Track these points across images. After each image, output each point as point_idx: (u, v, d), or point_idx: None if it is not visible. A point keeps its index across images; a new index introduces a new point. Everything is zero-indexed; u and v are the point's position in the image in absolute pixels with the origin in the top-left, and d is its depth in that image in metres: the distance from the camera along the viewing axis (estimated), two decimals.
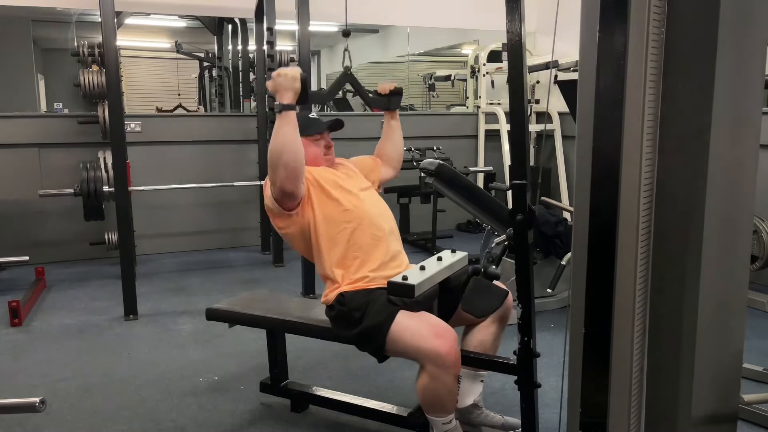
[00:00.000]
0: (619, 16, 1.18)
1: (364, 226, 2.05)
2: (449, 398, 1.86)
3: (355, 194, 2.12)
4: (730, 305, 1.41)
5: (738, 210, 1.37)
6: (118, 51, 3.73)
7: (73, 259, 4.94)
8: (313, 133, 2.16)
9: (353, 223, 2.04)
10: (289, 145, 1.88)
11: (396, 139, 2.43)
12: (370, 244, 2.04)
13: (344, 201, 2.07)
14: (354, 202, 2.08)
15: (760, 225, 3.48)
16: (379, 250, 2.05)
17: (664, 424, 1.37)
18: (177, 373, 2.83)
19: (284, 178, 1.90)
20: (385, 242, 2.07)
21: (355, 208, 2.07)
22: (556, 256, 3.41)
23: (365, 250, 2.04)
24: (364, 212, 2.08)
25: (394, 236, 2.14)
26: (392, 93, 2.33)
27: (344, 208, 2.05)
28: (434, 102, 8.69)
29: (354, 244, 2.04)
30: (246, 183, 4.94)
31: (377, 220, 2.09)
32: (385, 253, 2.06)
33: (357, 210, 2.07)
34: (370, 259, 2.03)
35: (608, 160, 1.23)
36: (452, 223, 6.02)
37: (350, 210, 2.06)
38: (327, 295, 2.07)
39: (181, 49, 7.85)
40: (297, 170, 1.91)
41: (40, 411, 1.41)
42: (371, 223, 2.07)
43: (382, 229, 2.09)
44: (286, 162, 1.88)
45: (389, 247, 2.08)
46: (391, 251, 2.08)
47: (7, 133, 4.70)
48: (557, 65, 4.50)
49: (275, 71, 1.95)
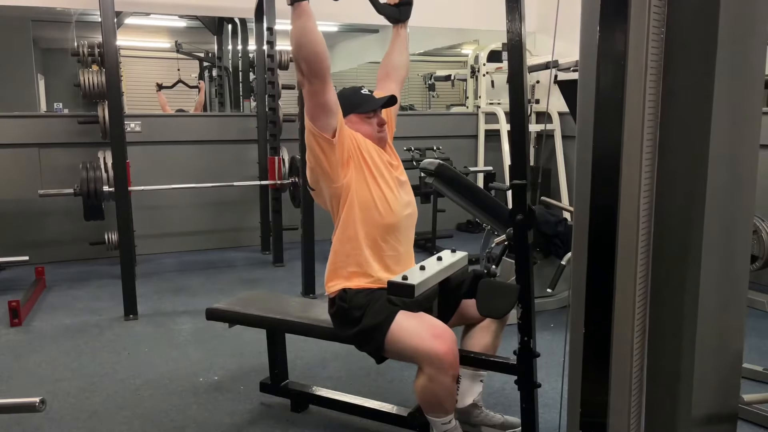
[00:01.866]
0: (619, 16, 1.18)
1: (390, 231, 2.02)
2: (448, 399, 1.86)
3: (393, 189, 2.05)
4: (730, 305, 1.41)
5: (738, 210, 1.37)
6: (118, 51, 3.73)
7: (73, 259, 4.94)
8: (366, 111, 2.09)
9: (381, 223, 2.00)
10: (305, 37, 1.80)
11: (404, 47, 2.33)
12: (386, 248, 2.03)
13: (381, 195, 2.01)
14: (389, 198, 2.03)
15: (760, 225, 3.48)
16: (392, 253, 2.04)
17: (664, 424, 1.37)
18: (177, 373, 2.83)
19: (309, 73, 1.83)
20: (401, 249, 2.06)
21: (389, 210, 2.02)
22: (556, 256, 3.41)
23: (380, 249, 2.02)
24: (395, 216, 2.03)
25: (408, 240, 2.12)
26: (402, 2, 2.25)
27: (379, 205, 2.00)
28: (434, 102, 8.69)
29: (376, 237, 2.01)
30: (246, 183, 4.94)
31: (403, 226, 2.06)
32: (396, 260, 2.05)
33: (389, 213, 2.02)
34: (382, 259, 2.02)
35: (608, 160, 1.23)
36: (452, 223, 6.02)
37: (383, 212, 2.01)
38: (331, 283, 2.05)
39: (181, 49, 7.85)
40: (319, 62, 1.83)
41: (40, 411, 1.41)
42: (396, 228, 2.04)
43: (404, 236, 2.07)
44: (306, 55, 1.82)
45: (400, 250, 2.07)
46: (401, 255, 2.07)
47: (7, 133, 4.70)
48: (557, 65, 4.50)
49: None
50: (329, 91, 1.89)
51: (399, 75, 2.32)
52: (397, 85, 2.31)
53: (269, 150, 4.94)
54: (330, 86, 1.89)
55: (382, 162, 2.08)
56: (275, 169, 4.67)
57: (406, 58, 2.35)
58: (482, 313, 1.83)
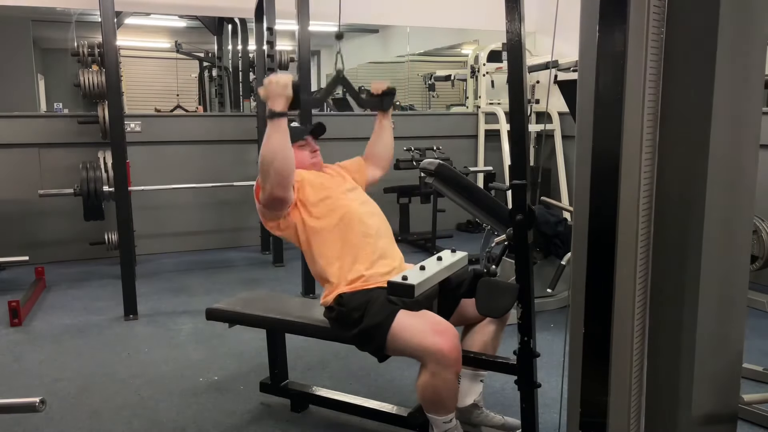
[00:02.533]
0: (619, 16, 1.18)
1: (353, 225, 2.07)
2: (450, 396, 1.86)
3: (342, 194, 2.15)
4: (730, 305, 1.41)
5: (738, 210, 1.37)
6: (118, 51, 3.73)
7: (73, 259, 4.94)
8: (295, 141, 2.15)
9: (341, 222, 2.07)
10: (280, 153, 1.90)
11: (387, 138, 2.44)
12: (359, 242, 2.06)
13: (331, 201, 2.10)
14: (341, 201, 2.12)
15: (760, 225, 3.48)
16: (369, 247, 2.06)
17: (664, 424, 1.36)
18: (177, 373, 2.83)
19: (275, 184, 1.93)
20: (374, 239, 2.09)
21: (341, 207, 2.10)
22: (556, 256, 3.41)
23: (355, 248, 2.05)
24: (352, 211, 2.10)
25: (384, 233, 2.15)
26: (385, 93, 2.34)
27: (331, 208, 2.09)
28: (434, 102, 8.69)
29: (343, 242, 2.05)
30: (246, 183, 4.92)
31: (365, 218, 2.11)
32: (374, 250, 2.07)
33: (344, 209, 2.10)
34: (360, 257, 2.04)
35: (608, 160, 1.23)
36: (452, 223, 6.02)
37: (336, 209, 2.09)
38: (326, 296, 2.08)
39: (181, 49, 7.84)
40: (288, 177, 1.95)
41: (40, 411, 1.41)
42: (359, 221, 2.09)
43: (371, 226, 2.11)
44: (277, 169, 1.91)
45: (378, 243, 2.09)
46: (380, 248, 2.09)
47: (7, 133, 4.70)
48: (557, 65, 4.50)
49: (266, 78, 1.95)
50: (290, 193, 2.02)
51: (381, 162, 2.46)
52: (380, 171, 2.46)
53: None
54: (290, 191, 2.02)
55: (324, 179, 2.20)
56: None
57: (390, 148, 2.48)
58: (481, 312, 1.83)
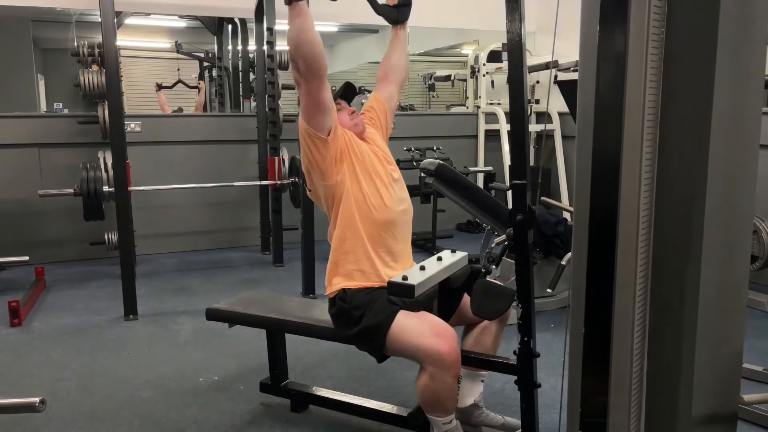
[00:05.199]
0: (619, 16, 1.18)
1: (386, 224, 2.03)
2: (449, 398, 1.86)
3: (387, 186, 2.06)
4: (730, 305, 1.41)
5: (738, 210, 1.37)
6: (118, 51, 3.73)
7: (73, 259, 4.94)
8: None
9: (376, 220, 2.01)
10: (302, 36, 1.82)
11: (402, 49, 2.34)
12: (380, 240, 2.03)
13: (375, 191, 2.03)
14: (383, 194, 2.04)
15: (760, 225, 3.48)
16: (388, 248, 2.04)
17: (664, 424, 1.37)
18: (177, 373, 2.83)
19: (306, 72, 1.85)
20: (395, 244, 2.06)
21: (383, 205, 2.03)
22: (556, 256, 3.41)
23: (376, 245, 2.02)
24: (389, 212, 2.04)
25: (404, 237, 2.12)
26: (401, 3, 2.25)
27: (373, 201, 2.01)
28: (434, 102, 8.69)
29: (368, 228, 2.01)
30: (246, 183, 4.94)
31: (397, 218, 2.06)
32: (391, 252, 2.05)
33: (383, 209, 2.03)
34: (377, 254, 2.02)
35: (608, 160, 1.23)
36: (452, 223, 6.02)
37: (378, 208, 2.02)
38: (330, 280, 2.06)
39: (181, 49, 7.84)
40: (316, 61, 1.85)
41: (40, 411, 1.41)
42: (392, 222, 2.04)
43: (398, 228, 2.07)
44: (304, 54, 1.83)
45: (398, 247, 2.07)
46: (398, 251, 2.07)
47: (7, 133, 4.70)
48: (557, 65, 4.50)
49: None
50: (325, 90, 1.91)
51: (398, 77, 2.34)
52: (396, 87, 2.33)
53: (269, 150, 4.94)
54: (326, 85, 1.91)
55: (376, 157, 2.09)
56: (275, 169, 4.68)
57: (406, 60, 2.36)
58: (475, 312, 1.84)
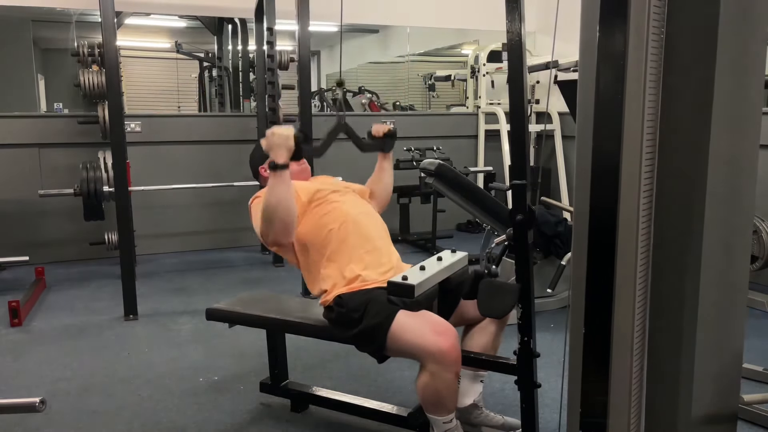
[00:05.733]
0: (619, 16, 1.18)
1: (347, 225, 2.08)
2: (450, 397, 1.86)
3: (333, 197, 2.16)
4: (730, 305, 1.41)
5: (738, 210, 1.37)
6: (118, 51, 3.73)
7: (73, 259, 4.94)
8: None
9: (335, 223, 2.08)
10: (283, 202, 1.92)
11: (386, 180, 2.45)
12: (355, 243, 2.06)
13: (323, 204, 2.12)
14: (333, 204, 2.13)
15: (760, 225, 3.48)
16: (365, 248, 2.07)
17: (664, 424, 1.37)
18: (177, 373, 2.83)
19: (279, 231, 1.96)
20: (370, 240, 2.10)
21: (334, 210, 2.12)
22: (556, 256, 3.41)
23: (350, 248, 2.06)
24: (344, 212, 2.11)
25: (379, 234, 2.16)
26: (386, 135, 2.32)
27: (324, 211, 2.11)
28: (434, 102, 8.68)
29: (339, 242, 2.06)
30: (246, 183, 4.92)
31: (359, 218, 2.13)
32: (369, 250, 2.08)
33: (336, 212, 2.11)
34: (355, 257, 2.05)
35: (608, 160, 1.23)
36: (452, 223, 6.02)
37: (329, 212, 2.11)
38: (325, 297, 2.08)
39: (181, 49, 7.84)
40: (291, 224, 1.97)
41: (40, 411, 1.41)
42: (354, 222, 2.10)
43: (365, 226, 2.12)
44: (281, 217, 1.93)
45: (374, 244, 2.10)
46: (378, 248, 2.10)
47: (7, 133, 4.70)
48: (557, 65, 4.50)
49: (269, 130, 1.95)
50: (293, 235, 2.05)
51: (381, 202, 2.46)
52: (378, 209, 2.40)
53: None
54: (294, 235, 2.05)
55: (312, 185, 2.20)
56: None
57: (389, 189, 2.48)
58: (483, 313, 1.83)
